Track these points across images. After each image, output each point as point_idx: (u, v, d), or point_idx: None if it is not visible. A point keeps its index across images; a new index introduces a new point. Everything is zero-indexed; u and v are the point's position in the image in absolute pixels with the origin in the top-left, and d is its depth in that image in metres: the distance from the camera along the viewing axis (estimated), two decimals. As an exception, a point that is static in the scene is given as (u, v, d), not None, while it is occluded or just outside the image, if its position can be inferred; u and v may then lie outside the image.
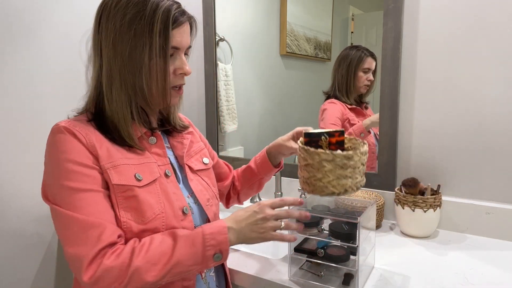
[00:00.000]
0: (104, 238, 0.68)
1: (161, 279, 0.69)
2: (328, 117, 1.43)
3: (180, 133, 0.94)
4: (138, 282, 0.67)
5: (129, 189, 0.74)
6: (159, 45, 0.76)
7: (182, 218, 0.80)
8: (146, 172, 0.78)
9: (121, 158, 0.76)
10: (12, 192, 1.15)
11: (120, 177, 0.74)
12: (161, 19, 0.75)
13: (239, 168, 1.14)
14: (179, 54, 0.81)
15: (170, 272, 0.69)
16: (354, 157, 0.77)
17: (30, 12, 1.16)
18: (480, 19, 1.11)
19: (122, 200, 0.74)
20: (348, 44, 1.48)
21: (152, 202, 0.75)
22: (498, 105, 1.12)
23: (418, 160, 1.25)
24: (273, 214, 0.78)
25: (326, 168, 0.78)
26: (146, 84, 0.77)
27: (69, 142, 0.73)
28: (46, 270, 1.26)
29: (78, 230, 0.68)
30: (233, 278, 0.98)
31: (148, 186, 0.77)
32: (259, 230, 0.77)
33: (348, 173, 0.78)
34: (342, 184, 0.79)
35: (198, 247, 0.71)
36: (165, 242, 0.71)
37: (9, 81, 1.13)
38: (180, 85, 0.84)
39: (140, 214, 0.74)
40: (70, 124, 0.75)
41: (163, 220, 0.76)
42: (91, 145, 0.74)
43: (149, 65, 0.76)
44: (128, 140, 0.78)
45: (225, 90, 1.70)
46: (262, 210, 0.78)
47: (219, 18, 1.65)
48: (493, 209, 1.13)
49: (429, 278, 0.90)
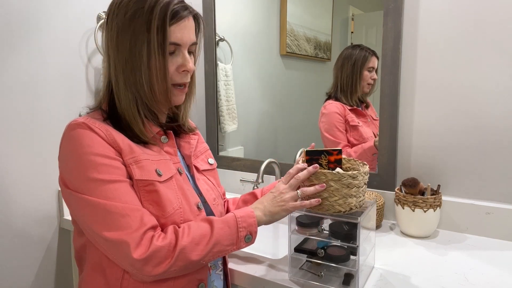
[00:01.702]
0: (146, 221, 0.72)
1: (203, 257, 0.74)
2: (330, 121, 1.42)
3: (188, 134, 0.94)
4: (184, 260, 0.72)
5: (151, 183, 0.76)
6: (157, 41, 0.75)
7: (198, 213, 0.82)
8: (164, 168, 0.80)
9: (142, 154, 0.78)
10: (12, 192, 1.15)
11: (143, 172, 0.76)
12: (159, 14, 0.75)
13: (241, 195, 1.09)
14: (181, 51, 0.80)
15: (211, 251, 0.74)
16: (359, 176, 0.83)
17: (30, 13, 1.16)
18: (480, 19, 1.11)
19: (145, 193, 0.76)
20: (348, 44, 1.48)
21: (171, 197, 0.78)
22: (498, 105, 1.12)
23: (418, 160, 1.25)
24: (286, 187, 0.85)
25: (332, 187, 0.83)
26: (146, 82, 0.77)
27: (91, 136, 0.74)
28: (46, 270, 1.26)
29: (119, 215, 0.70)
30: (233, 278, 0.98)
31: (167, 181, 0.79)
32: (280, 204, 0.84)
33: (353, 192, 0.83)
34: (347, 203, 0.84)
35: (233, 228, 0.78)
36: (202, 226, 0.76)
37: (9, 81, 1.13)
38: (183, 83, 0.83)
39: (161, 208, 0.76)
40: (89, 121, 0.76)
41: (181, 214, 0.78)
42: (112, 140, 0.75)
43: (148, 62, 0.76)
44: (142, 136, 0.80)
45: (225, 90, 1.70)
46: (277, 188, 0.87)
47: (219, 18, 1.65)
48: (493, 209, 1.13)
49: (429, 278, 0.90)
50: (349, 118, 1.40)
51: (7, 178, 1.13)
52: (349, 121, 1.40)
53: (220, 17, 1.65)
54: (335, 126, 1.41)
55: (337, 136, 1.41)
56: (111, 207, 0.70)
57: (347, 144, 1.40)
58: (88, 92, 1.35)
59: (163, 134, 0.86)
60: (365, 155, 1.36)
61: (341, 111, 1.41)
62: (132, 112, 0.79)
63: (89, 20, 1.33)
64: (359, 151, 1.38)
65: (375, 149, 1.32)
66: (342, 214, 0.84)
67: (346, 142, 1.41)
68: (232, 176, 1.62)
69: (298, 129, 1.62)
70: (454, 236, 1.16)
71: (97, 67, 1.37)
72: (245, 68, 1.70)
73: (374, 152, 1.33)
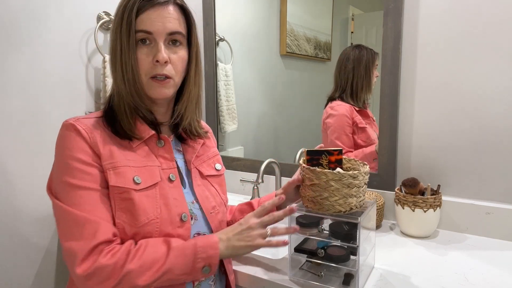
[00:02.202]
0: (99, 235, 0.69)
1: (151, 284, 0.71)
2: (339, 124, 1.41)
3: (194, 138, 0.92)
4: (129, 284, 0.69)
5: (126, 191, 0.74)
6: (126, 30, 0.74)
7: (179, 225, 0.79)
8: (146, 176, 0.78)
9: (123, 160, 0.77)
10: (12, 192, 1.15)
11: (118, 179, 0.74)
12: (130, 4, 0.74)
13: (238, 204, 1.06)
14: (156, 41, 0.77)
15: (160, 279, 0.71)
16: (359, 176, 0.83)
17: (30, 13, 1.16)
18: (480, 19, 1.11)
19: (119, 201, 0.74)
20: (348, 44, 1.48)
21: (148, 206, 0.75)
22: (498, 105, 1.12)
23: (418, 160, 1.25)
24: (257, 222, 0.80)
25: (333, 187, 0.82)
26: (123, 75, 0.77)
27: (73, 139, 0.74)
28: (46, 270, 1.26)
29: (74, 225, 0.70)
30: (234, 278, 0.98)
31: (147, 190, 0.77)
32: (246, 239, 0.79)
33: (353, 192, 0.83)
34: (348, 202, 0.84)
35: (189, 258, 0.73)
36: (159, 249, 0.73)
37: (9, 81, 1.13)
38: (158, 75, 0.78)
39: (134, 217, 0.74)
40: (76, 121, 0.76)
41: (157, 225, 0.76)
42: (94, 143, 0.75)
43: (121, 55, 0.76)
44: (129, 132, 0.79)
45: (225, 90, 1.70)
46: (246, 220, 0.81)
47: (219, 18, 1.65)
48: (493, 209, 1.13)
49: (429, 278, 0.90)
50: (357, 120, 1.39)
51: (7, 178, 1.13)
52: (358, 123, 1.39)
53: (220, 17, 1.65)
54: (343, 130, 1.40)
55: (342, 140, 1.40)
56: (70, 215, 0.70)
57: (349, 150, 1.40)
58: (88, 92, 1.35)
59: (158, 138, 0.83)
60: (366, 160, 1.35)
61: (349, 114, 1.39)
62: (121, 107, 0.79)
63: (89, 20, 1.33)
64: (360, 156, 1.38)
65: (376, 154, 1.32)
66: (343, 214, 0.84)
67: (350, 146, 1.40)
68: (232, 176, 1.62)
69: (298, 129, 1.62)
70: (454, 236, 1.16)
71: (97, 67, 1.37)
72: (245, 68, 1.70)
73: (374, 157, 1.33)
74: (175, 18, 0.78)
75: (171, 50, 0.79)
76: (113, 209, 0.74)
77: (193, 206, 0.85)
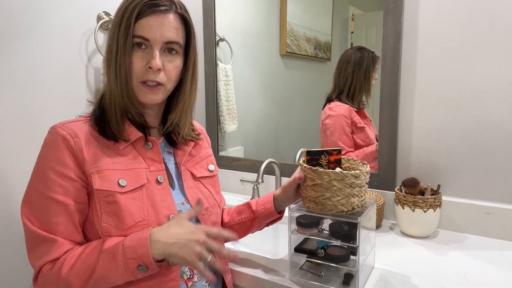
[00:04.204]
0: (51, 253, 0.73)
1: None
2: (337, 124, 1.41)
3: (185, 142, 0.90)
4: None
5: (111, 194, 0.75)
6: (124, 34, 0.75)
7: None
8: (132, 178, 0.77)
9: (108, 163, 0.77)
10: (12, 191, 1.15)
11: (102, 183, 0.75)
12: (131, 9, 0.74)
13: (236, 206, 1.04)
14: (152, 47, 0.77)
15: (95, 285, 0.71)
16: (361, 176, 0.83)
17: (30, 13, 1.16)
18: (480, 19, 1.11)
19: (105, 204, 0.75)
20: (348, 44, 1.48)
21: (133, 209, 0.75)
22: (498, 105, 1.12)
23: (418, 160, 1.25)
24: (205, 241, 0.72)
25: (335, 187, 0.82)
26: (116, 77, 0.77)
27: (56, 147, 0.75)
28: (46, 270, 1.26)
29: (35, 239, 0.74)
30: (233, 278, 0.98)
31: (133, 192, 0.77)
32: (187, 252, 0.70)
33: (355, 191, 0.83)
34: (350, 202, 0.84)
35: (119, 260, 0.70)
36: (93, 253, 0.72)
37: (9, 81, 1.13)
38: (149, 81, 0.77)
39: (120, 220, 0.74)
40: (62, 126, 0.77)
41: (144, 227, 0.75)
42: (78, 149, 0.75)
43: (116, 57, 0.76)
44: (116, 133, 0.79)
45: (225, 90, 1.70)
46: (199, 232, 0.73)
47: (219, 18, 1.65)
48: (493, 209, 1.13)
49: (429, 278, 0.90)
50: (356, 120, 1.39)
51: (6, 178, 1.13)
52: (356, 123, 1.39)
53: (220, 17, 1.65)
54: (343, 130, 1.40)
55: (343, 140, 1.40)
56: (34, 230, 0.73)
57: (350, 150, 1.40)
58: (88, 92, 1.35)
59: (145, 141, 0.83)
60: (367, 159, 1.35)
61: (348, 114, 1.40)
62: (110, 107, 0.79)
63: (89, 20, 1.33)
64: (361, 155, 1.38)
65: (377, 154, 1.32)
66: (345, 214, 0.84)
67: (351, 146, 1.40)
68: (232, 176, 1.62)
69: (298, 129, 1.62)
70: (454, 236, 1.16)
71: (97, 67, 1.37)
72: (245, 68, 1.70)
73: (375, 156, 1.33)
74: (174, 27, 0.78)
75: (166, 58, 0.79)
76: (99, 213, 0.74)
77: (184, 207, 0.84)
